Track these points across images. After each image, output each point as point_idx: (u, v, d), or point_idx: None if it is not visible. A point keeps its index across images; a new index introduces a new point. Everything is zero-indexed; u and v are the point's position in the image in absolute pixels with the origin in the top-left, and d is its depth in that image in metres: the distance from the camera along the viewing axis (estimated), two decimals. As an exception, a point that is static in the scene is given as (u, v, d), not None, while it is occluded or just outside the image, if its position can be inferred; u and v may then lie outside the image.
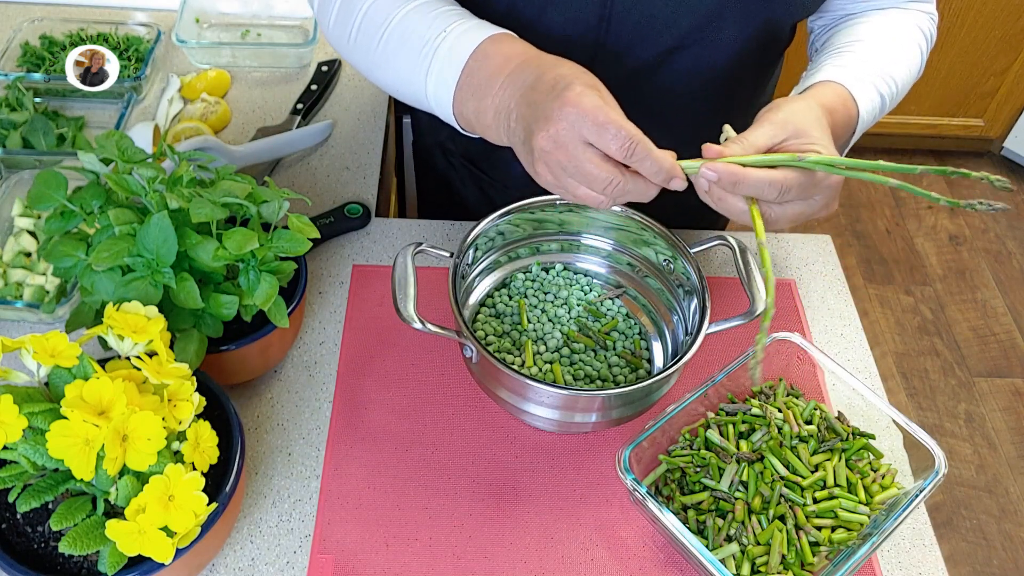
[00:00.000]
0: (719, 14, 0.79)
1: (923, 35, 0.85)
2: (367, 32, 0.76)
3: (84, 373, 0.60)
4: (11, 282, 0.86)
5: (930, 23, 0.87)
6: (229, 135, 1.10)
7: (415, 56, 0.72)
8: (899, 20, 0.84)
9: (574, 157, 0.62)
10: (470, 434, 0.81)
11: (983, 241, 2.47)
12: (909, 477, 0.76)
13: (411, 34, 0.73)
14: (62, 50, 1.15)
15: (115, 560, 0.58)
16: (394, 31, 0.74)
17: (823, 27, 0.90)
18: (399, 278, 0.75)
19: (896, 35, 0.82)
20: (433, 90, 0.72)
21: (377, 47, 0.75)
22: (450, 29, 0.71)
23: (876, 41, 0.81)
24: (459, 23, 0.72)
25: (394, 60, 0.74)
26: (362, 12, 0.76)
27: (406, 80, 0.74)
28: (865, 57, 0.79)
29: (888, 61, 0.80)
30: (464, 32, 0.71)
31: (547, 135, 0.63)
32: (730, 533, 0.70)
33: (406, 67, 0.73)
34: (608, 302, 0.88)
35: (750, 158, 0.64)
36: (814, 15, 0.91)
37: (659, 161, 0.63)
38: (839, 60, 0.79)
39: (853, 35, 0.82)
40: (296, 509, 0.75)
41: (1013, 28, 2.33)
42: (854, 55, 0.79)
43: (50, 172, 0.71)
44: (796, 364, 0.81)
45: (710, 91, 0.87)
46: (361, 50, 0.77)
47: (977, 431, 2.02)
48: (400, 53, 0.73)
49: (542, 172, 0.65)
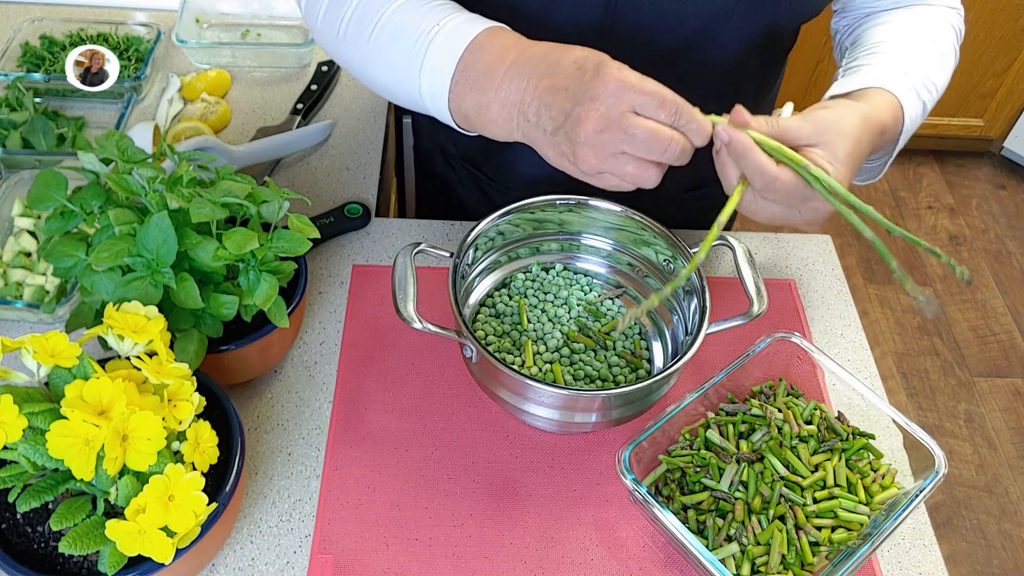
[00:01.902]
0: (724, 16, 0.78)
1: (953, 30, 0.83)
2: (358, 26, 0.73)
3: (84, 373, 0.60)
4: (11, 282, 0.86)
5: (958, 18, 0.84)
6: (229, 135, 1.10)
7: (408, 51, 0.70)
8: (930, 18, 0.82)
9: (629, 128, 0.61)
10: (470, 434, 0.81)
11: (983, 241, 2.47)
12: (909, 477, 0.76)
13: (403, 28, 0.71)
14: (62, 50, 1.15)
15: (115, 560, 0.58)
16: (386, 25, 0.72)
17: (847, 27, 0.88)
18: (399, 278, 0.75)
19: (932, 35, 0.80)
20: (428, 86, 0.70)
21: (368, 42, 0.73)
22: (443, 23, 0.69)
23: (914, 43, 0.79)
24: (453, 16, 0.70)
25: (386, 55, 0.72)
26: (352, 6, 0.74)
27: (399, 77, 0.72)
28: (908, 60, 0.76)
29: (929, 65, 0.77)
30: (458, 25, 0.69)
31: (596, 114, 0.61)
32: (730, 533, 0.70)
33: (399, 63, 0.71)
34: (608, 302, 0.88)
35: (766, 140, 0.64)
36: (836, 16, 0.90)
37: (701, 123, 0.63)
38: (883, 61, 0.76)
39: (885, 34, 0.80)
40: (296, 509, 0.75)
41: (1013, 28, 2.33)
42: (896, 57, 0.77)
43: (50, 172, 0.71)
44: (796, 364, 0.81)
45: (714, 93, 0.87)
46: (350, 46, 0.75)
47: (977, 431, 2.02)
48: (392, 48, 0.71)
49: (586, 156, 0.63)
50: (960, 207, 2.57)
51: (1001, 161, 2.72)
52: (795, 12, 0.81)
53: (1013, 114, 2.55)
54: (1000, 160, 2.72)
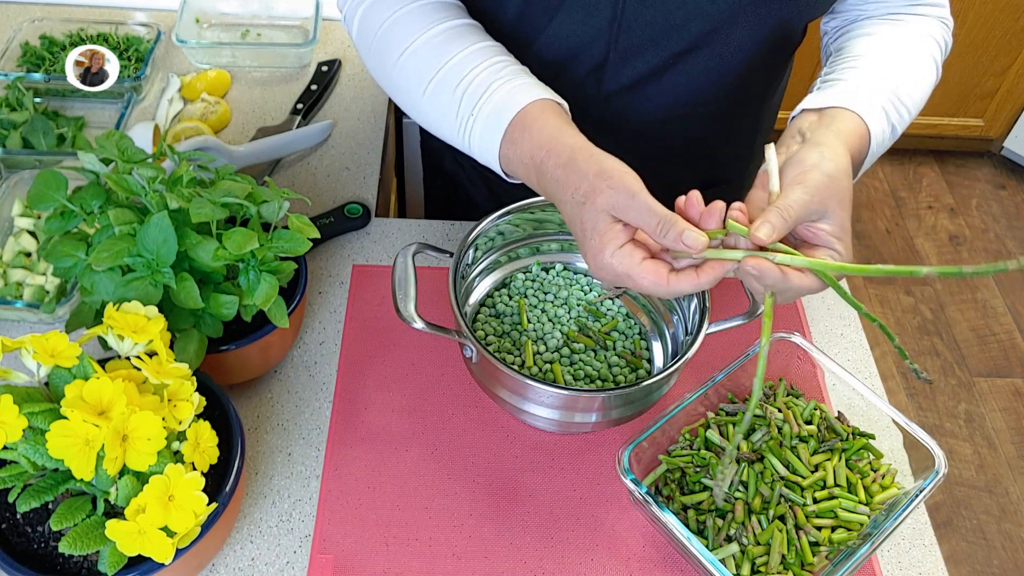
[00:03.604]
0: (732, 18, 0.78)
1: (938, 46, 0.82)
2: (409, 78, 0.76)
3: (84, 373, 0.60)
4: (11, 282, 0.86)
5: (945, 31, 0.83)
6: (229, 135, 1.10)
7: (454, 118, 0.73)
8: (916, 32, 0.81)
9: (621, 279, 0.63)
10: (470, 434, 0.81)
11: (983, 241, 2.47)
12: (909, 477, 0.76)
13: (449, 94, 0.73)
14: (62, 50, 1.15)
15: (115, 560, 0.58)
16: (436, 86, 0.74)
17: (836, 28, 0.88)
18: (399, 278, 0.75)
19: (915, 51, 0.79)
20: (478, 151, 0.73)
21: (421, 98, 0.75)
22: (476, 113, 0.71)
23: (891, 58, 0.78)
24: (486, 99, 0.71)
25: (435, 115, 0.75)
26: (404, 53, 0.76)
27: (448, 131, 0.75)
28: (883, 79, 0.76)
29: (907, 84, 0.77)
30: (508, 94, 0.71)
31: (593, 265, 0.64)
32: (730, 533, 0.70)
33: (447, 124, 0.74)
34: (608, 302, 0.88)
35: (784, 255, 0.61)
36: (827, 16, 0.90)
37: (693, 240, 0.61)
38: (859, 77, 0.75)
39: (867, 47, 0.79)
40: (296, 509, 0.75)
41: (1013, 28, 2.33)
42: (869, 73, 0.76)
43: (50, 172, 0.71)
44: (796, 364, 0.81)
45: (721, 93, 0.87)
46: (401, 91, 0.78)
47: (977, 431, 2.02)
48: (441, 110, 0.74)
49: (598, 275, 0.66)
50: (960, 207, 2.57)
51: (1001, 161, 2.72)
52: (804, 10, 0.81)
53: (1013, 114, 2.55)
54: (1000, 160, 2.72)
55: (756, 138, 1.01)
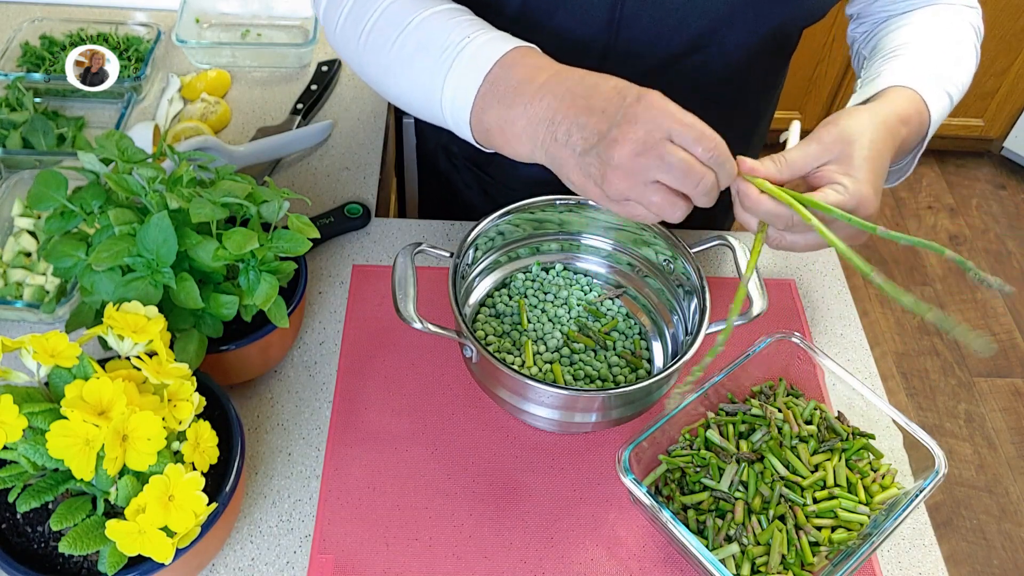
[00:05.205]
0: (729, 19, 0.78)
1: (974, 31, 0.82)
2: (382, 33, 0.73)
3: (84, 373, 0.60)
4: (11, 282, 0.86)
5: (976, 17, 0.83)
6: (229, 135, 1.10)
7: (433, 60, 0.69)
8: (951, 18, 0.81)
9: (666, 156, 0.59)
10: (470, 434, 0.81)
11: (983, 241, 2.47)
12: (909, 477, 0.76)
13: (430, 38, 0.70)
14: (62, 50, 1.15)
15: (115, 560, 0.58)
16: (412, 34, 0.71)
17: (865, 34, 0.87)
18: (399, 278, 0.75)
19: (952, 35, 0.79)
20: (451, 96, 0.68)
21: (391, 49, 0.72)
22: (474, 36, 0.68)
23: (934, 43, 0.78)
24: (483, 31, 0.69)
25: (409, 64, 0.71)
26: (378, 12, 0.73)
27: (421, 85, 0.71)
28: (928, 59, 0.75)
29: (950, 63, 0.76)
30: (489, 40, 0.68)
31: (634, 137, 0.60)
32: (730, 533, 0.70)
33: (422, 71, 0.70)
34: (608, 302, 0.88)
35: (774, 191, 0.62)
36: (853, 23, 0.89)
37: (733, 165, 0.62)
38: (901, 63, 0.75)
39: (905, 37, 0.79)
40: (296, 509, 0.75)
41: (1013, 28, 2.33)
42: (915, 57, 0.75)
43: (50, 172, 0.71)
44: (796, 364, 0.81)
45: (719, 95, 0.87)
46: (372, 51, 0.74)
47: (977, 431, 2.02)
48: (417, 56, 0.70)
49: (616, 180, 0.61)
50: (960, 207, 2.57)
51: (1001, 161, 2.72)
52: (798, 16, 0.81)
53: (1013, 114, 2.55)
54: (1000, 160, 2.72)
55: (751, 142, 1.02)
